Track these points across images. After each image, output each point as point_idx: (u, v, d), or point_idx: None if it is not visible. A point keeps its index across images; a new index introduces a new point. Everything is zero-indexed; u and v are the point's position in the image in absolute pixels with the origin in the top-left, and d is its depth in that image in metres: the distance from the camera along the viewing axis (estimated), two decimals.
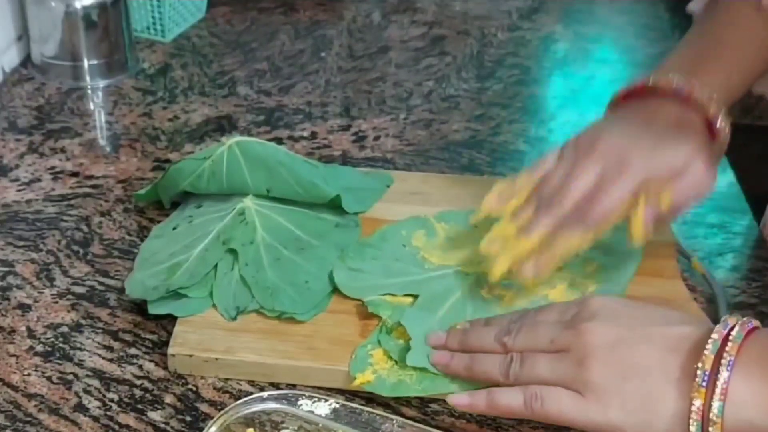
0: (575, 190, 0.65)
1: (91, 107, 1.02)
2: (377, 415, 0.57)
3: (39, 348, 0.68)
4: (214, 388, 0.65)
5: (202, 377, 0.66)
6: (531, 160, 0.95)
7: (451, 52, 1.17)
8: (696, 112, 0.68)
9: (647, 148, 0.65)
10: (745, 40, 0.73)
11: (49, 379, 0.65)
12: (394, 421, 0.57)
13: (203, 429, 0.56)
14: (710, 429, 0.51)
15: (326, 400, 0.58)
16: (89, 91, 1.04)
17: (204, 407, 0.64)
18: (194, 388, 0.65)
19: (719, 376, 0.51)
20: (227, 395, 0.65)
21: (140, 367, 0.67)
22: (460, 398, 0.60)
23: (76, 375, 0.66)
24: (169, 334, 0.67)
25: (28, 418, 0.62)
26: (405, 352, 0.64)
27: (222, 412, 0.57)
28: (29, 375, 0.66)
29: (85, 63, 1.04)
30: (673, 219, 0.72)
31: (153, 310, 0.69)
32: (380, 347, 0.65)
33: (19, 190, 0.85)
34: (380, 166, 0.91)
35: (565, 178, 0.66)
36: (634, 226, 0.65)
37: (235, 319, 0.68)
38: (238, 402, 0.58)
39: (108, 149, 0.94)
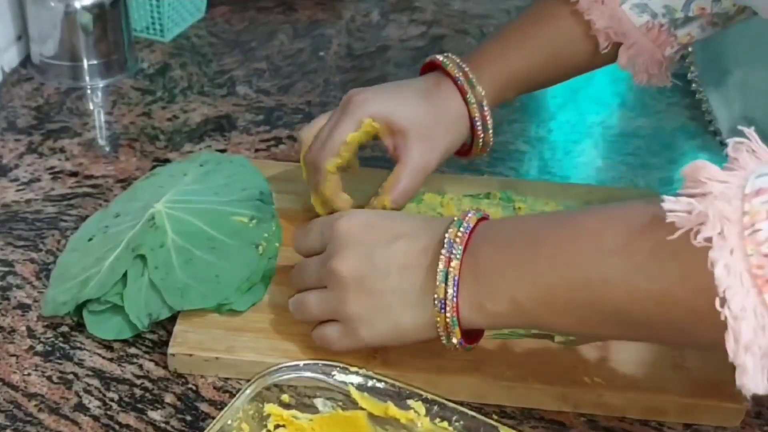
0: None
1: (91, 107, 1.02)
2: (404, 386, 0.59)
3: (39, 348, 0.68)
4: (214, 388, 0.65)
5: (202, 377, 0.66)
6: (531, 159, 0.95)
7: (450, 51, 1.17)
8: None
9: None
10: (548, 35, 0.78)
11: (49, 378, 0.65)
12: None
13: (203, 428, 0.56)
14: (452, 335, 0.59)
15: (357, 373, 0.60)
16: (88, 91, 1.04)
17: (204, 407, 0.64)
18: (194, 388, 0.65)
19: (447, 292, 0.57)
20: (227, 395, 0.65)
21: (140, 366, 0.67)
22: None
23: (76, 374, 0.66)
24: (169, 333, 0.67)
25: (29, 418, 0.62)
26: None
27: (258, 376, 0.58)
28: (29, 375, 0.66)
29: (85, 63, 1.04)
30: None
31: (92, 329, 0.68)
32: None
33: (18, 190, 0.85)
34: (380, 166, 0.91)
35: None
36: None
37: (147, 327, 0.67)
38: (272, 368, 0.59)
39: (107, 149, 0.94)
